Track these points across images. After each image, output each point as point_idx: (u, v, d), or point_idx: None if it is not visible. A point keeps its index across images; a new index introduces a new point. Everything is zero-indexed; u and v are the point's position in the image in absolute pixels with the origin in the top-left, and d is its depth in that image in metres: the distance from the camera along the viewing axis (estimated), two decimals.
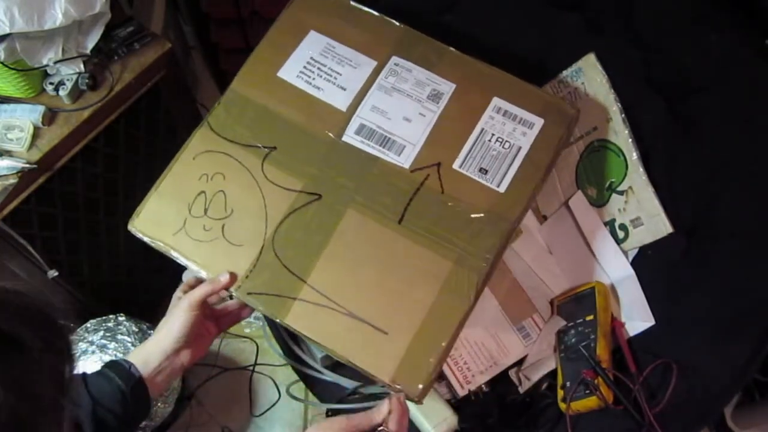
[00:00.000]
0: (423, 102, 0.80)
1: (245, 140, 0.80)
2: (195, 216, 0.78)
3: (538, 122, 0.78)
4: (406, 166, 0.77)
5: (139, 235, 0.79)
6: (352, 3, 0.86)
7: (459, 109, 0.79)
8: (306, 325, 0.73)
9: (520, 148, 0.77)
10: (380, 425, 0.66)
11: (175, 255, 0.78)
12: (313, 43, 0.84)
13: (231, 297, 0.77)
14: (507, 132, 0.78)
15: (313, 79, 0.82)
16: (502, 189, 0.75)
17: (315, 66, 0.83)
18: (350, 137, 0.79)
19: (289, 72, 0.83)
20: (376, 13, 0.85)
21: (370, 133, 0.79)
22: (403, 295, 0.72)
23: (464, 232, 0.74)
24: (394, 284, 0.73)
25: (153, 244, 0.79)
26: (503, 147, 0.77)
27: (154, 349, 0.74)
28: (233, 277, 0.75)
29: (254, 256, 0.76)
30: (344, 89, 0.82)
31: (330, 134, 0.80)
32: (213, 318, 0.80)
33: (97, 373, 0.72)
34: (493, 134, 0.78)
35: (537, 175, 0.76)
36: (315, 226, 0.76)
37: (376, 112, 0.80)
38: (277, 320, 0.74)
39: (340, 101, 0.81)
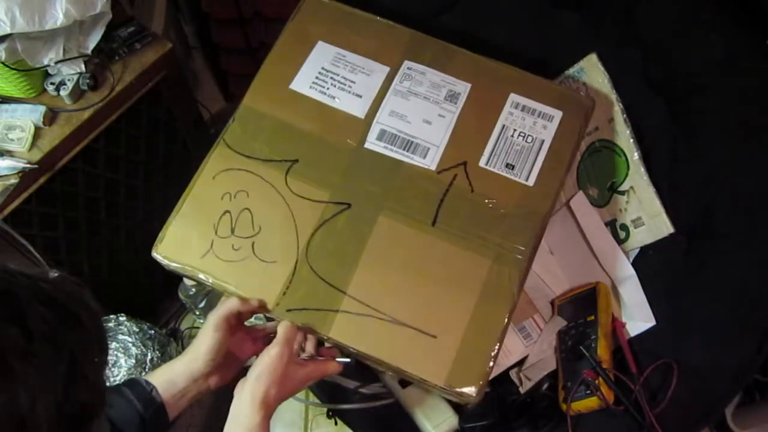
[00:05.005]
0: (441, 103, 0.80)
1: (265, 155, 0.79)
2: (222, 236, 0.76)
3: (557, 114, 0.79)
4: (433, 167, 0.77)
5: (165, 262, 0.76)
6: (356, 11, 0.85)
7: (477, 108, 0.80)
8: (351, 337, 0.71)
9: (543, 141, 0.78)
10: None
11: (203, 278, 0.76)
12: (323, 54, 0.84)
13: (268, 319, 0.75)
14: (528, 126, 0.78)
15: (327, 88, 0.82)
16: (530, 183, 0.76)
17: (328, 76, 0.82)
18: (372, 143, 0.79)
19: (302, 83, 0.82)
20: (381, 19, 0.85)
21: (392, 137, 0.79)
22: (445, 298, 0.72)
23: (498, 228, 0.74)
24: (436, 287, 0.72)
25: (180, 270, 0.76)
26: (526, 141, 0.77)
27: (181, 370, 0.70)
28: (262, 301, 0.73)
29: (289, 271, 0.74)
30: (360, 96, 0.81)
31: (351, 142, 0.79)
32: (249, 339, 0.77)
33: (115, 389, 0.69)
34: (514, 129, 0.78)
35: (562, 167, 0.77)
36: (348, 235, 0.75)
37: (396, 117, 0.80)
38: (322, 335, 0.72)
39: (358, 109, 0.81)
